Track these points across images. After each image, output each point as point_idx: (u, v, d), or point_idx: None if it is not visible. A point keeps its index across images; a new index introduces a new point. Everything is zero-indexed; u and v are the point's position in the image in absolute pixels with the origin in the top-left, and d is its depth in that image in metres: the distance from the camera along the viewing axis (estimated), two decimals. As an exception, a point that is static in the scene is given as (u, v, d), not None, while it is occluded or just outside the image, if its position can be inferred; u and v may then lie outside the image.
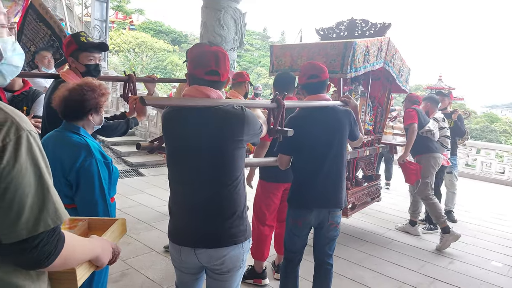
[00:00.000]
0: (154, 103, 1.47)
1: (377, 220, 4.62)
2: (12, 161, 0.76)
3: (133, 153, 6.86)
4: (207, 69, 1.46)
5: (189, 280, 1.63)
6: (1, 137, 0.76)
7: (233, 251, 1.48)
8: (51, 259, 0.82)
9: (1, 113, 0.78)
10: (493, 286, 3.11)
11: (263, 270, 2.90)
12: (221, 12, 6.73)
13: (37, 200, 0.80)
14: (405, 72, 4.24)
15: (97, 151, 1.70)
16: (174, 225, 1.56)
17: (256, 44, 41.93)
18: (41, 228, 0.79)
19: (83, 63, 2.25)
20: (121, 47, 24.98)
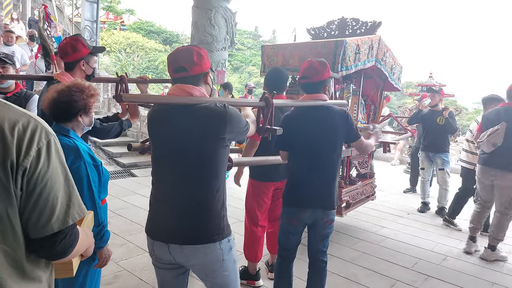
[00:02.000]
0: (132, 100, 1.46)
1: (371, 218, 4.63)
2: (46, 163, 0.85)
3: (125, 154, 6.80)
4: (174, 67, 1.50)
5: (168, 277, 1.60)
6: (35, 142, 0.83)
7: (210, 252, 1.47)
8: (72, 248, 0.92)
9: (32, 120, 0.85)
10: (487, 282, 3.13)
11: (256, 271, 2.88)
12: (212, 11, 6.71)
13: (66, 195, 0.90)
14: (397, 70, 4.26)
15: (86, 154, 1.67)
16: (151, 220, 1.56)
17: (248, 43, 41.88)
18: (70, 221, 0.89)
19: (92, 66, 2.37)
20: (112, 48, 24.77)
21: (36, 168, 0.83)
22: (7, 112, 0.83)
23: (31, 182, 0.83)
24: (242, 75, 35.00)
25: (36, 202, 0.84)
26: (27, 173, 0.82)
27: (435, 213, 4.94)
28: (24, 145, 0.82)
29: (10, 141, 0.80)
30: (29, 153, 0.82)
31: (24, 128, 0.83)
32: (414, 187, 6.05)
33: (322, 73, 2.19)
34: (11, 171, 0.80)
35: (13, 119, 0.82)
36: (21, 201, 0.83)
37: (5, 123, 0.81)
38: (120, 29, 30.07)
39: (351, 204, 3.75)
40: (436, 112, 4.84)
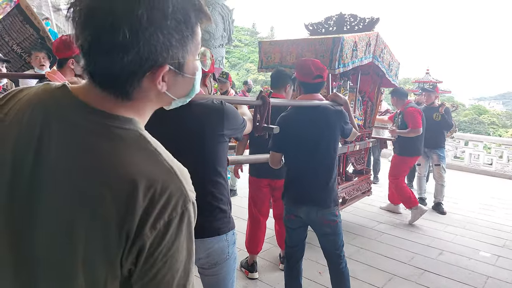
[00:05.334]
0: None
1: (368, 214, 4.66)
2: (172, 240, 0.65)
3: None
4: None
5: None
6: (168, 212, 0.63)
7: (217, 244, 1.50)
8: None
9: (175, 181, 0.66)
10: (481, 276, 3.16)
11: (252, 264, 2.98)
12: (209, 8, 6.68)
13: (184, 276, 0.69)
14: (395, 67, 4.27)
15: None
16: None
17: (245, 40, 41.83)
18: None
19: None
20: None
21: (159, 246, 0.64)
22: (151, 164, 0.65)
23: (149, 260, 0.64)
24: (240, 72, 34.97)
25: (149, 282, 0.66)
26: (146, 250, 0.63)
27: (432, 208, 4.98)
28: (154, 214, 0.62)
29: (139, 206, 0.61)
30: (155, 226, 0.62)
31: (162, 191, 0.63)
32: (411, 183, 6.08)
33: (327, 71, 2.23)
34: (126, 242, 0.62)
35: (154, 175, 0.64)
36: (130, 276, 0.66)
37: (142, 179, 0.62)
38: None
39: (347, 200, 3.77)
40: (432, 109, 4.87)
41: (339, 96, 2.32)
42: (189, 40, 0.67)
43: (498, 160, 8.03)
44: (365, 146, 4.04)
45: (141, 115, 0.72)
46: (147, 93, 0.69)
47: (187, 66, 0.70)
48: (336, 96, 2.32)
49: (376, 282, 2.95)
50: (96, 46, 0.61)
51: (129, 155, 0.64)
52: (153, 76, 0.66)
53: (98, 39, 0.60)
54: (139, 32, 0.60)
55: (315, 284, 2.87)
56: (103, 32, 0.60)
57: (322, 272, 2.99)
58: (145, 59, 0.62)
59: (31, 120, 0.66)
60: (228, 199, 1.57)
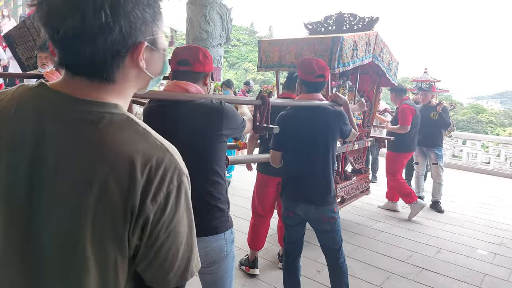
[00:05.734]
0: None
1: (366, 212, 4.68)
2: (173, 211, 0.70)
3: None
4: (178, 59, 1.54)
5: None
6: (166, 184, 0.68)
7: (215, 242, 1.51)
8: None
9: (167, 155, 0.69)
10: (479, 273, 3.18)
11: (253, 260, 3.01)
12: (207, 8, 6.69)
13: (187, 248, 0.75)
14: (394, 66, 4.28)
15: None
16: None
17: (244, 39, 41.79)
18: (189, 276, 0.76)
19: None
20: (107, 44, 24.62)
21: (161, 217, 0.68)
22: (143, 142, 0.69)
23: (154, 233, 0.68)
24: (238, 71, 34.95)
25: (155, 255, 0.70)
26: (150, 223, 0.67)
27: (430, 207, 5.00)
28: (153, 188, 0.66)
29: (138, 182, 0.65)
30: (155, 199, 0.67)
31: (157, 166, 0.67)
32: (409, 182, 6.09)
33: (329, 71, 2.24)
34: (131, 218, 0.66)
35: (148, 152, 0.67)
36: (137, 252, 0.70)
37: (138, 158, 0.65)
38: (114, 25, 29.82)
39: (346, 199, 3.79)
40: (429, 107, 4.89)
41: (340, 96, 2.33)
42: (158, 15, 0.71)
43: (496, 158, 8.06)
44: (363, 145, 4.06)
45: (124, 99, 0.75)
46: (128, 74, 0.71)
47: (159, 41, 0.74)
48: (337, 96, 2.33)
49: (374, 280, 2.98)
50: (79, 34, 0.62)
51: (121, 136, 0.67)
52: (135, 54, 0.69)
53: (81, 26, 0.62)
54: (120, 10, 0.63)
55: (313, 282, 2.89)
56: (86, 17, 0.61)
57: (320, 271, 3.01)
58: (128, 36, 0.65)
59: (21, 120, 0.67)
60: (226, 198, 1.59)
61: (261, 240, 3.07)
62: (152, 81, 0.78)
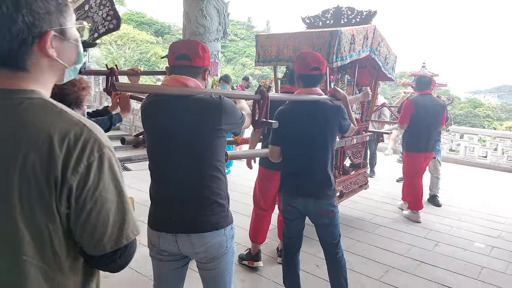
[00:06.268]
0: (126, 89, 1.45)
1: (365, 207, 4.69)
2: (96, 181, 0.77)
3: (118, 148, 6.76)
4: (177, 54, 1.51)
5: (168, 270, 1.62)
6: (86, 156, 0.76)
7: (215, 238, 1.50)
8: (129, 263, 0.89)
9: (85, 130, 0.77)
10: (476, 266, 3.20)
11: (256, 253, 3.03)
12: (204, 2, 6.65)
13: (119, 215, 0.83)
14: (391, 60, 4.27)
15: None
16: (154, 212, 1.57)
17: (241, 34, 41.60)
18: (124, 241, 0.84)
19: None
20: (103, 40, 24.46)
21: (85, 186, 0.76)
22: (60, 120, 0.76)
23: (80, 201, 0.77)
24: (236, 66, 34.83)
25: (85, 222, 0.78)
26: (74, 191, 0.75)
27: (427, 201, 5.01)
28: (73, 160, 0.74)
29: (57, 155, 0.73)
30: (76, 169, 0.75)
31: (76, 139, 0.75)
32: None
33: (325, 64, 2.22)
34: (55, 188, 0.74)
35: (65, 128, 0.75)
36: (69, 219, 0.79)
37: (55, 133, 0.74)
38: (110, 20, 29.62)
39: (344, 194, 3.79)
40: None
41: (339, 91, 2.32)
42: (64, 7, 0.79)
43: (493, 152, 8.08)
44: (362, 139, 4.05)
45: (43, 86, 0.82)
46: (40, 62, 0.78)
47: (69, 32, 0.81)
48: (336, 91, 2.32)
49: (373, 274, 2.99)
50: None
51: (40, 117, 0.75)
52: (42, 43, 0.76)
53: None
54: (21, 1, 0.71)
55: (312, 276, 2.89)
56: None
57: (319, 265, 3.02)
58: (31, 25, 0.73)
59: None
60: (226, 193, 1.58)
61: (263, 233, 3.08)
62: (68, 70, 0.85)
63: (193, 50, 1.51)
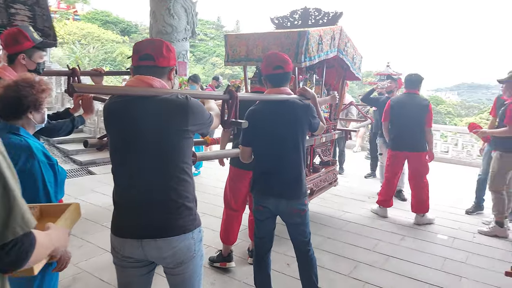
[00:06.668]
0: (85, 90, 1.39)
1: (334, 204, 4.79)
2: None
3: (81, 151, 6.54)
4: (140, 54, 1.47)
5: (134, 277, 1.57)
6: None
7: (183, 242, 1.47)
8: (25, 261, 0.86)
9: None
10: (440, 258, 3.34)
11: (228, 253, 3.01)
12: (171, 1, 6.53)
13: (3, 209, 0.81)
14: (358, 60, 4.37)
15: (40, 152, 1.60)
16: (118, 217, 1.52)
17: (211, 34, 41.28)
18: (10, 235, 0.81)
19: (36, 61, 2.19)
20: (66, 39, 23.51)
21: None
22: None
23: None
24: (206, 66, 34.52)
25: None
26: None
27: (394, 195, 5.18)
28: None
29: None
30: None
31: None
32: (374, 172, 6.30)
33: (291, 64, 2.22)
34: None
35: None
36: None
37: None
38: (73, 19, 28.60)
39: (315, 191, 3.84)
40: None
41: (308, 90, 2.34)
42: None
43: (454, 147, 8.48)
44: (331, 138, 4.13)
45: None
46: None
47: None
48: (305, 90, 2.34)
49: (342, 270, 3.05)
50: None
51: None
52: None
53: None
54: None
55: (283, 275, 2.91)
56: None
57: (290, 264, 3.04)
58: None
59: None
60: (194, 196, 1.55)
61: (234, 234, 3.06)
62: None
63: (157, 50, 1.48)
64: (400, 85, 5.52)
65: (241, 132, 2.23)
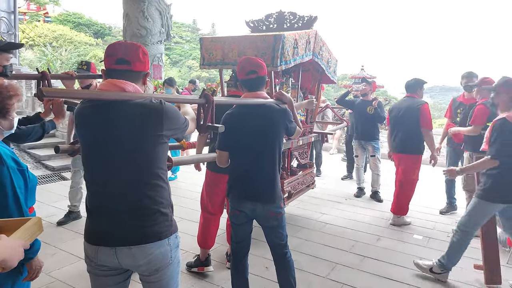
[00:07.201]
0: (55, 95, 1.34)
1: (312, 206, 4.83)
2: None
3: (53, 157, 6.33)
4: (115, 58, 1.44)
5: (108, 286, 1.53)
6: None
7: (159, 249, 1.44)
8: None
9: None
10: (415, 257, 3.41)
11: (206, 258, 2.98)
12: (145, 3, 6.45)
13: None
14: (333, 64, 4.44)
15: (9, 158, 1.53)
16: (91, 225, 1.47)
17: (186, 37, 40.97)
18: None
19: (1, 64, 2.14)
20: (36, 41, 22.73)
21: None
22: None
23: None
24: (182, 69, 34.20)
25: None
26: None
27: (370, 197, 5.29)
28: None
29: None
30: None
31: None
32: (351, 174, 6.41)
33: (265, 68, 2.22)
34: None
35: None
36: None
37: None
38: (44, 21, 27.70)
39: (292, 194, 3.86)
40: (366, 102, 5.16)
41: (284, 95, 2.35)
42: None
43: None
44: (307, 140, 4.17)
45: None
46: None
47: None
48: (281, 95, 2.35)
49: (320, 272, 3.07)
50: None
51: None
52: None
53: None
54: None
55: (261, 279, 2.91)
56: None
57: (268, 267, 3.04)
58: None
59: None
60: (169, 201, 1.52)
61: (212, 238, 3.03)
62: None
63: (133, 54, 1.45)
64: (375, 88, 5.64)
65: (218, 136, 2.22)
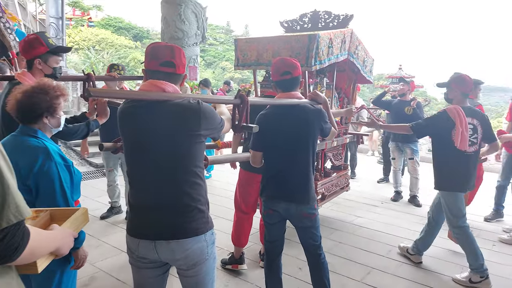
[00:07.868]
0: (100, 95, 1.42)
1: (346, 209, 4.74)
2: None
3: (97, 154, 6.62)
4: (161, 61, 1.48)
5: (148, 277, 1.59)
6: None
7: (196, 244, 1.48)
8: (18, 253, 0.85)
9: None
10: (458, 266, 3.25)
11: (240, 256, 3.02)
12: (182, 6, 6.62)
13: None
14: (369, 63, 4.35)
15: (56, 154, 1.64)
16: (133, 219, 1.55)
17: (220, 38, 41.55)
18: (3, 223, 0.82)
19: (52, 66, 2.26)
20: (81, 45, 24.00)
21: None
22: None
23: None
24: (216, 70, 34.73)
25: None
26: None
27: (408, 201, 5.11)
28: None
29: None
30: None
31: None
32: (387, 177, 6.22)
33: (299, 68, 2.22)
34: None
35: None
36: None
37: None
38: (88, 25, 29.21)
39: (326, 196, 3.82)
40: (404, 102, 4.99)
41: (319, 95, 2.33)
42: None
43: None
44: (342, 142, 4.11)
45: None
46: None
47: None
48: (316, 95, 2.33)
49: (355, 276, 3.01)
50: None
51: None
52: None
53: None
54: None
55: (295, 279, 2.90)
56: None
57: (302, 268, 3.02)
58: None
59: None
60: (206, 199, 1.56)
61: (245, 236, 3.07)
62: None
63: (178, 57, 1.51)
64: (413, 88, 5.44)
65: (252, 136, 2.24)
